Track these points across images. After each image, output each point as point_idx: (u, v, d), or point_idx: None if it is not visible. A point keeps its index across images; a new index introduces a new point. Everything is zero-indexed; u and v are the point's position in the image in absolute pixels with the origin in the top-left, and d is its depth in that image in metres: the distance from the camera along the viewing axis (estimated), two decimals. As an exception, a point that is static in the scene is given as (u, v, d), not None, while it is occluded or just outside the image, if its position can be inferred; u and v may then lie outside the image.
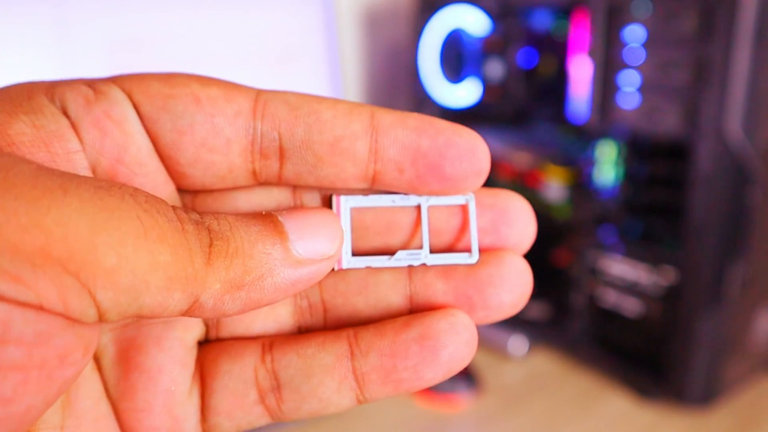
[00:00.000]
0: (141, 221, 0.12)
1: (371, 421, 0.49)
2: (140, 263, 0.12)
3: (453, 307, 0.16)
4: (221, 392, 0.17)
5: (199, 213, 0.14)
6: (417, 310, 0.17)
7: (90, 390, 0.16)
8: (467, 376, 0.52)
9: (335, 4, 0.52)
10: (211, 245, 0.14)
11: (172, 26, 0.46)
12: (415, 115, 0.16)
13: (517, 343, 0.57)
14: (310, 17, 0.51)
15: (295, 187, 0.17)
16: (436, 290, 0.17)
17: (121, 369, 0.16)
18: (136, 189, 0.13)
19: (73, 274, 0.11)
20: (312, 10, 0.51)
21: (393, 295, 0.17)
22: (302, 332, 0.18)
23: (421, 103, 0.63)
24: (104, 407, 0.16)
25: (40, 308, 0.11)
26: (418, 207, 0.17)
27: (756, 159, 0.44)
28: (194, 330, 0.17)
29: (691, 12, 0.42)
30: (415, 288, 0.17)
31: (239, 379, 0.17)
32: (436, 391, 0.51)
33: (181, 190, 0.17)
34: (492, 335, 0.58)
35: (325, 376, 0.16)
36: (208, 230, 0.14)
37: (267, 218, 0.15)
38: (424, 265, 0.17)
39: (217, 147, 0.15)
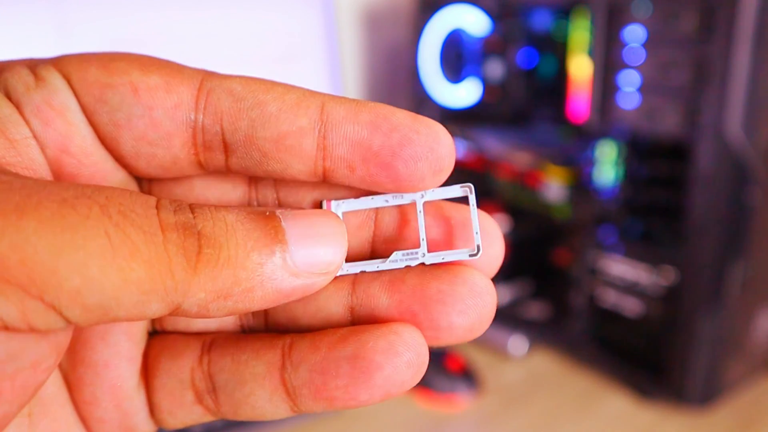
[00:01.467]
0: (109, 238, 0.11)
1: (371, 421, 0.49)
2: (108, 283, 0.11)
3: (399, 322, 0.15)
4: (161, 391, 0.16)
5: (193, 210, 0.13)
6: (359, 322, 0.15)
7: (54, 377, 0.16)
8: (467, 376, 0.52)
9: (335, 4, 0.52)
10: (199, 252, 0.13)
11: (172, 27, 0.46)
12: (370, 106, 0.14)
13: (517, 343, 0.57)
14: (310, 17, 0.51)
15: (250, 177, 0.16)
16: (379, 303, 0.15)
17: (70, 361, 0.16)
18: (108, 197, 0.12)
19: (35, 297, 0.11)
20: (312, 10, 0.51)
21: (332, 306, 0.16)
22: (245, 332, 0.17)
23: (421, 103, 0.63)
24: (66, 394, 0.16)
25: (5, 329, 0.11)
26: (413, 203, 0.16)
27: (756, 159, 0.44)
28: (139, 322, 0.16)
29: (691, 12, 0.42)
30: (357, 299, 0.15)
31: (176, 379, 0.16)
32: (436, 391, 0.51)
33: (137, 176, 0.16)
34: (492, 335, 0.57)
35: (256, 386, 0.15)
36: (199, 234, 0.13)
37: (269, 222, 0.14)
38: (422, 264, 0.15)
39: (157, 141, 0.14)
